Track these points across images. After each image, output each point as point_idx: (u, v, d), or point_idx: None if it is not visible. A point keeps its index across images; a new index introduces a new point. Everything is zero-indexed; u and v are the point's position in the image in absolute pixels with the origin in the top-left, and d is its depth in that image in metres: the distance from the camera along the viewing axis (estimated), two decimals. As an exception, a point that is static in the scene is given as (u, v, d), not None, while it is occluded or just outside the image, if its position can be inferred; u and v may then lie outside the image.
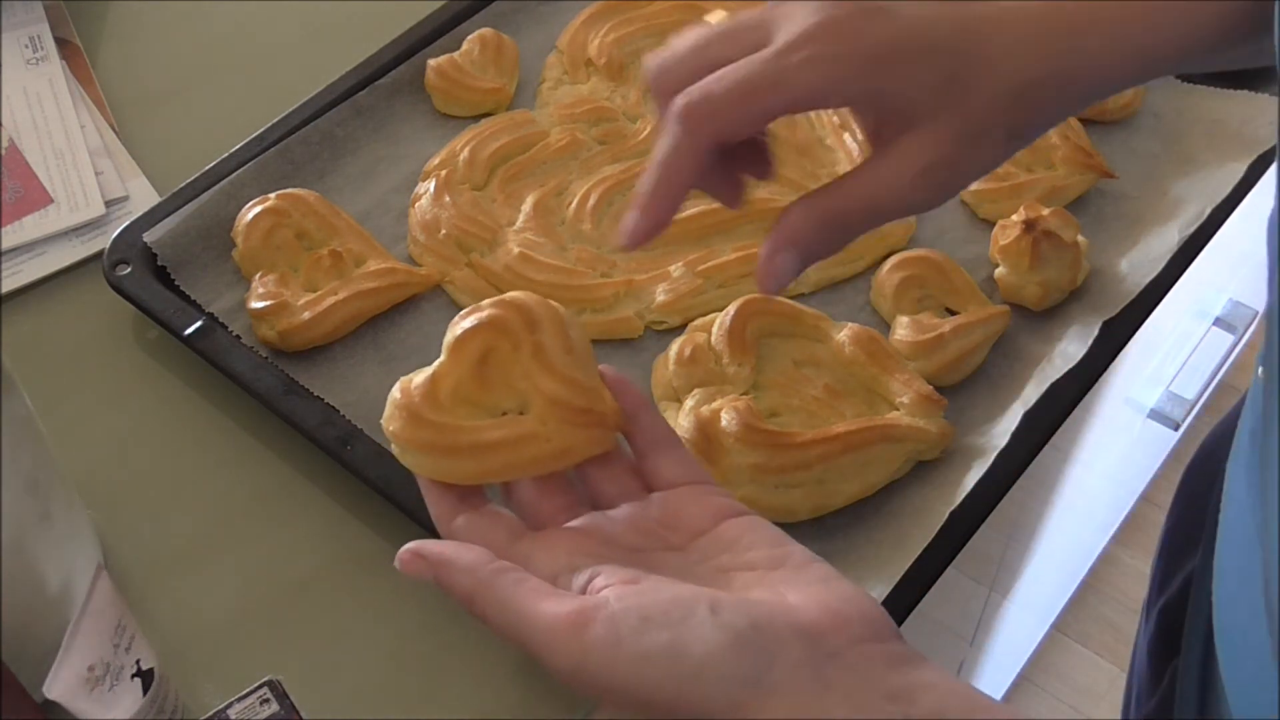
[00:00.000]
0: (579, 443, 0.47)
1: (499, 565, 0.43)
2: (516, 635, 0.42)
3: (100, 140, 0.81)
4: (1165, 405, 1.43)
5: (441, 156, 0.77)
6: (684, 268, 0.71)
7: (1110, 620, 1.71)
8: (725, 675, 0.39)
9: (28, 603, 0.52)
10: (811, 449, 0.61)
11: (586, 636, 0.40)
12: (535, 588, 0.42)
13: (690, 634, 0.39)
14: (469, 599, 0.43)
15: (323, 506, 0.65)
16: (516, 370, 0.48)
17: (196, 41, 0.89)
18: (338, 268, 0.70)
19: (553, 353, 0.48)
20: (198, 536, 0.64)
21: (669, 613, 0.40)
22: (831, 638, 0.40)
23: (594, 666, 0.40)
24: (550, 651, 0.40)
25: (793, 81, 0.46)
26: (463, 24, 0.84)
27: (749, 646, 0.39)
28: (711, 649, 0.39)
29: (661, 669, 0.39)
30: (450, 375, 0.48)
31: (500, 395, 0.48)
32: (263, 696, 0.51)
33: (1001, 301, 0.70)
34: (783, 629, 0.40)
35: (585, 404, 0.47)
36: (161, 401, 0.69)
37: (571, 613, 0.40)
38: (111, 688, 0.50)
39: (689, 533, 0.45)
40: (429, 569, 0.44)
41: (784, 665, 0.39)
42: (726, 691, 0.39)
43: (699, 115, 0.47)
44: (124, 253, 0.72)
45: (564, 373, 0.48)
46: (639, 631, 0.39)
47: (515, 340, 0.48)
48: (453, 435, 0.47)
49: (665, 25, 0.84)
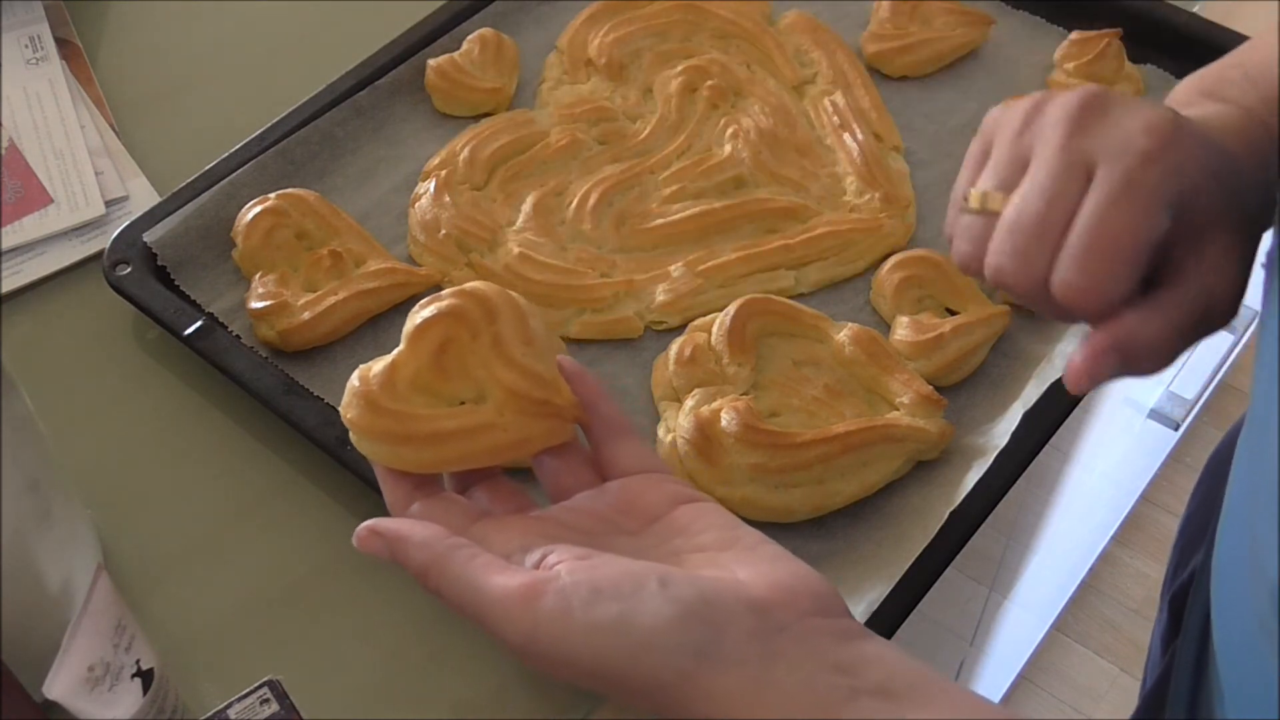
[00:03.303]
0: (536, 433, 0.48)
1: (454, 541, 0.44)
2: (470, 608, 0.42)
3: (100, 140, 0.81)
4: (1165, 405, 1.44)
5: (441, 156, 0.77)
6: (684, 268, 0.71)
7: (1110, 620, 1.71)
8: (674, 646, 0.40)
9: (28, 603, 0.52)
10: (811, 449, 0.61)
11: (538, 608, 0.40)
12: (488, 562, 0.43)
13: (640, 606, 0.40)
14: (424, 573, 0.44)
15: (323, 506, 0.65)
16: (475, 360, 0.48)
17: (196, 41, 0.89)
18: (338, 268, 0.70)
19: (511, 344, 0.48)
20: (198, 536, 0.64)
21: (619, 585, 0.41)
22: (780, 612, 0.41)
23: (545, 638, 0.40)
24: (502, 623, 0.41)
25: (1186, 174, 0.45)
26: (463, 24, 0.84)
27: (698, 618, 0.40)
28: (661, 620, 0.40)
29: (611, 640, 0.40)
30: (409, 364, 0.48)
31: (458, 385, 0.48)
32: (263, 696, 0.51)
33: (1001, 301, 0.70)
34: (731, 602, 0.41)
35: (543, 395, 0.48)
36: (161, 401, 0.69)
37: (523, 585, 0.41)
38: (111, 688, 0.50)
39: (643, 518, 0.46)
40: (384, 545, 0.45)
41: (732, 637, 0.40)
42: (675, 662, 0.39)
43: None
44: (124, 253, 0.72)
45: (522, 364, 0.48)
46: (589, 603, 0.40)
47: (474, 330, 0.48)
48: (410, 423, 0.47)
49: (665, 25, 0.84)
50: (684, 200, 0.75)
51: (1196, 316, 0.47)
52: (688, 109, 0.80)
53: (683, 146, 0.78)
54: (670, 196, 0.75)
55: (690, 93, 0.80)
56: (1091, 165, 0.46)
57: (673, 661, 0.39)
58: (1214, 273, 0.47)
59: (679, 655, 0.39)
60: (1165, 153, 0.45)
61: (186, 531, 0.64)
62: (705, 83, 0.80)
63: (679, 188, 0.75)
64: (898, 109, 0.81)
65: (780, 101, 0.80)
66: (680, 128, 0.79)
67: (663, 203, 0.75)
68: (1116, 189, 0.45)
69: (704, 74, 0.81)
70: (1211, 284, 0.47)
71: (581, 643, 0.40)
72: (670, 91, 0.80)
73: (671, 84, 0.80)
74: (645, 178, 0.76)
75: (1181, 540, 0.76)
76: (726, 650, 0.40)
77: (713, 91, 0.80)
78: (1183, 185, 0.45)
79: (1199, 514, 0.74)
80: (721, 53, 0.83)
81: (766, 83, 0.82)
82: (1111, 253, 0.45)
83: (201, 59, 0.87)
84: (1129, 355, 0.47)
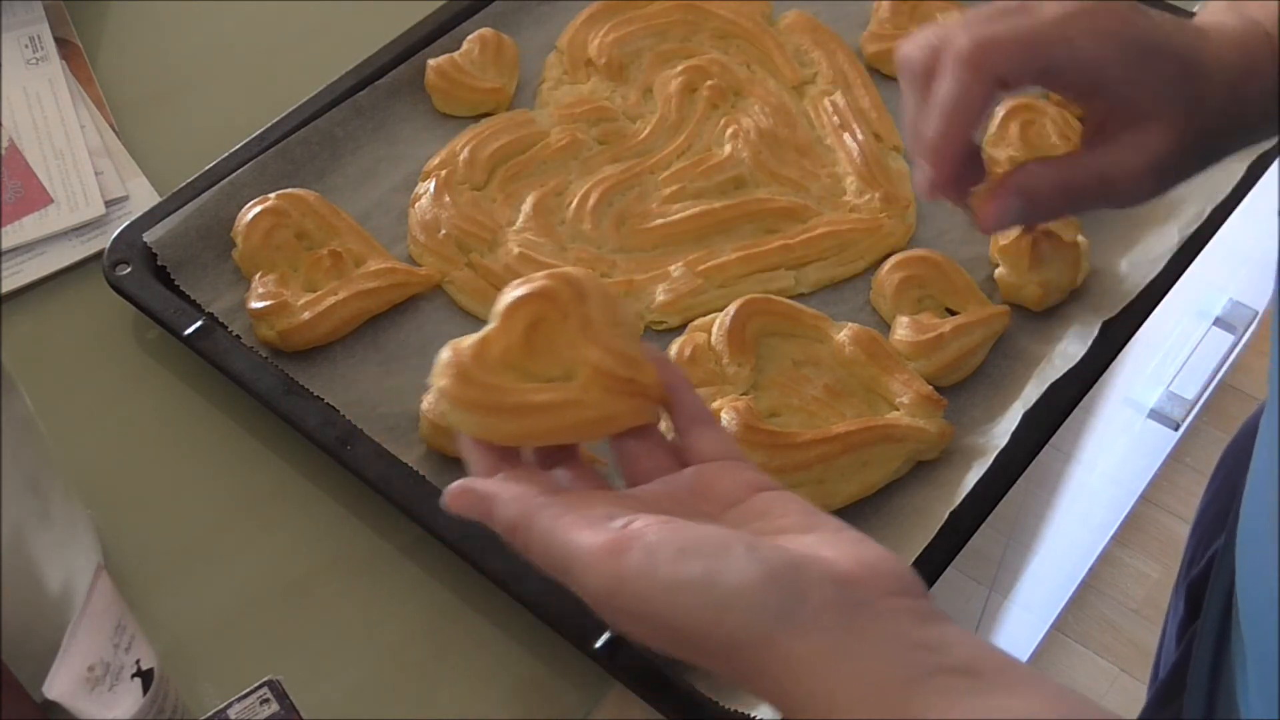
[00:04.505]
0: (620, 412, 0.48)
1: (544, 499, 0.45)
2: (556, 561, 0.43)
3: (100, 140, 0.81)
4: (1165, 405, 1.43)
5: (441, 156, 0.77)
6: (684, 268, 0.71)
7: (1110, 620, 1.71)
8: (757, 607, 0.39)
9: (28, 603, 0.52)
10: (811, 449, 0.61)
11: (623, 562, 0.41)
12: (576, 520, 0.43)
13: (725, 565, 0.40)
14: (512, 528, 0.45)
15: (323, 506, 0.65)
16: (563, 340, 0.49)
17: (196, 41, 0.89)
18: (338, 268, 0.70)
19: (599, 324, 0.49)
20: (198, 536, 0.64)
21: (705, 546, 0.41)
22: (863, 588, 0.41)
23: (628, 591, 0.41)
24: (587, 576, 0.42)
25: (1076, 44, 0.49)
26: (463, 24, 0.84)
27: (782, 582, 0.40)
28: (745, 581, 0.40)
29: (694, 597, 0.40)
30: (499, 340, 0.49)
31: (546, 363, 0.49)
32: (263, 696, 0.51)
33: (1001, 301, 0.70)
34: (816, 573, 0.40)
35: (629, 374, 0.48)
36: (161, 401, 0.69)
37: (610, 540, 0.42)
38: (111, 688, 0.50)
39: (721, 503, 0.46)
40: (477, 501, 0.46)
41: (815, 605, 0.40)
42: (757, 623, 0.39)
43: (985, 54, 0.49)
44: (124, 253, 0.72)
45: (610, 343, 0.49)
46: (675, 560, 0.40)
47: (564, 311, 0.49)
48: (499, 395, 0.48)
49: (665, 25, 0.84)
50: (684, 200, 0.75)
51: (1091, 188, 0.52)
52: (688, 109, 0.80)
53: (683, 146, 0.78)
54: (670, 196, 0.75)
55: (690, 93, 0.80)
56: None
57: (754, 622, 0.39)
58: (1112, 154, 0.51)
59: (761, 616, 0.39)
60: (988, 40, 0.49)
61: (186, 531, 0.64)
62: (705, 83, 0.80)
63: (679, 188, 0.75)
64: (898, 109, 0.80)
65: (780, 101, 0.80)
66: (680, 128, 0.79)
67: (663, 203, 0.75)
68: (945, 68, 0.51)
69: (704, 74, 0.81)
70: (1106, 165, 0.51)
71: (664, 598, 0.40)
72: (670, 91, 0.80)
73: (671, 84, 0.80)
74: (645, 178, 0.76)
75: (1198, 530, 0.77)
76: (808, 616, 0.39)
77: (713, 91, 0.80)
78: (1045, 63, 0.50)
79: (1217, 502, 0.75)
80: (721, 53, 0.83)
81: (766, 83, 0.82)
82: (939, 117, 0.51)
83: (201, 59, 0.87)
84: (1027, 200, 0.52)
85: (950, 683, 0.38)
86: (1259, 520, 0.54)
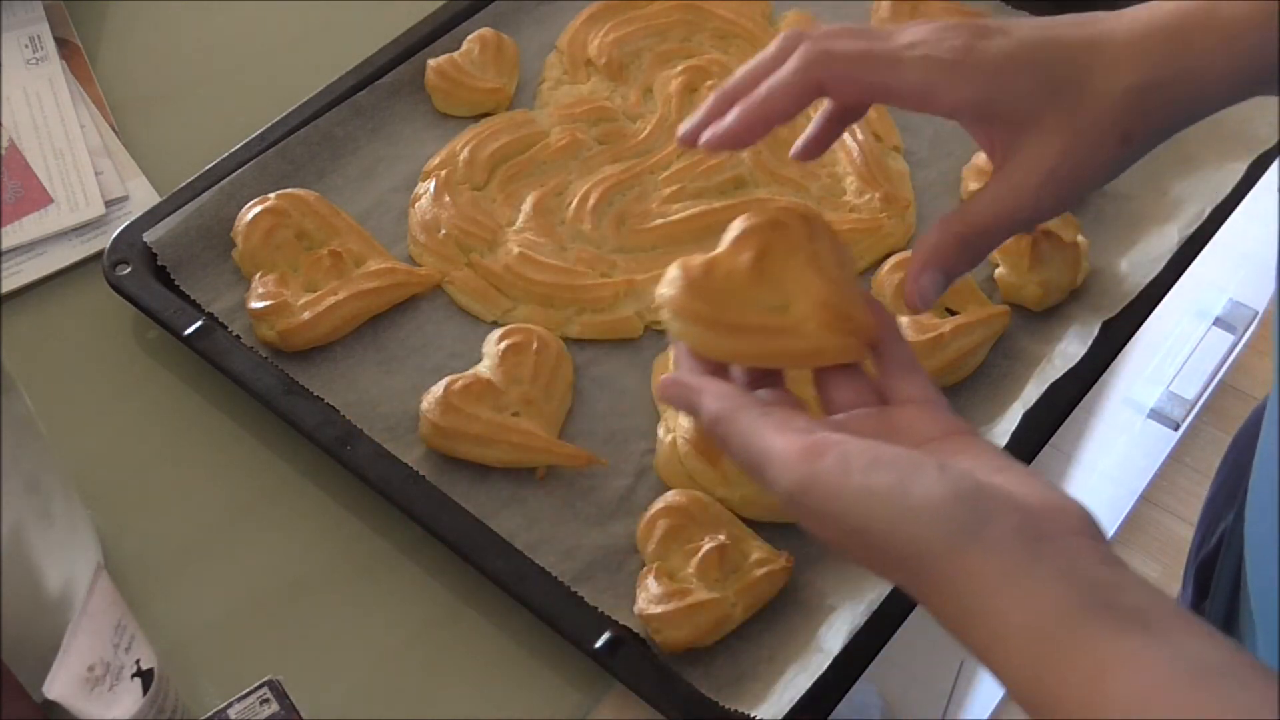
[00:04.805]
0: (831, 347, 0.50)
1: (749, 400, 0.47)
2: (752, 457, 0.45)
3: (100, 140, 0.81)
4: (1165, 405, 1.43)
5: (441, 156, 0.77)
6: (684, 268, 0.71)
7: (1110, 620, 1.71)
8: (943, 519, 0.41)
9: (28, 603, 0.52)
10: (811, 449, 0.61)
11: (818, 464, 0.43)
12: (777, 423, 0.45)
13: (916, 479, 0.42)
14: (715, 421, 0.47)
15: (323, 506, 0.65)
16: (788, 272, 0.51)
17: (196, 41, 0.89)
18: (338, 268, 0.70)
19: (825, 262, 0.51)
20: (198, 536, 0.64)
21: (899, 460, 0.42)
22: (1048, 522, 0.42)
23: (819, 491, 0.43)
24: (780, 472, 0.44)
25: (907, 70, 0.50)
26: (463, 24, 0.84)
27: (969, 501, 0.41)
28: (934, 495, 0.41)
29: (883, 505, 0.42)
30: (727, 262, 0.51)
31: (768, 291, 0.51)
32: (263, 696, 0.51)
33: (1001, 301, 0.70)
34: (1004, 499, 0.42)
35: (848, 311, 0.50)
36: (161, 401, 0.69)
37: (808, 442, 0.43)
38: (111, 688, 0.50)
39: (915, 440, 0.47)
40: (686, 391, 0.49)
41: (999, 526, 0.41)
42: (941, 535, 0.41)
43: (820, 60, 0.51)
44: (124, 253, 0.72)
45: (834, 279, 0.51)
46: (868, 469, 0.42)
47: (793, 245, 0.51)
48: (720, 311, 0.50)
49: (665, 25, 0.84)
50: (684, 200, 0.75)
51: (991, 225, 0.52)
52: (688, 109, 0.80)
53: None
54: (670, 196, 0.75)
55: (690, 93, 0.80)
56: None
57: (939, 535, 0.41)
58: (1003, 180, 0.51)
59: (946, 530, 0.41)
60: (824, 51, 0.51)
61: (186, 531, 0.64)
62: (705, 83, 0.80)
63: (679, 188, 0.75)
64: (897, 110, 0.80)
65: (780, 101, 0.80)
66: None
67: (662, 203, 0.75)
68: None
69: (704, 74, 0.81)
70: (1000, 193, 0.51)
71: (853, 502, 0.42)
72: (670, 91, 0.80)
73: (671, 84, 0.80)
74: (645, 178, 0.76)
75: (1208, 512, 0.78)
76: (992, 536, 0.40)
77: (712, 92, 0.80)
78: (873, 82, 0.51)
79: (1228, 484, 0.76)
80: (721, 53, 0.83)
81: (766, 83, 0.82)
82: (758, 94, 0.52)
83: (201, 59, 0.87)
84: (939, 268, 0.52)
85: (1121, 619, 0.39)
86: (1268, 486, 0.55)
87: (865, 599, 0.58)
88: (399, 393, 0.67)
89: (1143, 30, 0.51)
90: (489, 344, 0.67)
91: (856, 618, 0.57)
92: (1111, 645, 0.38)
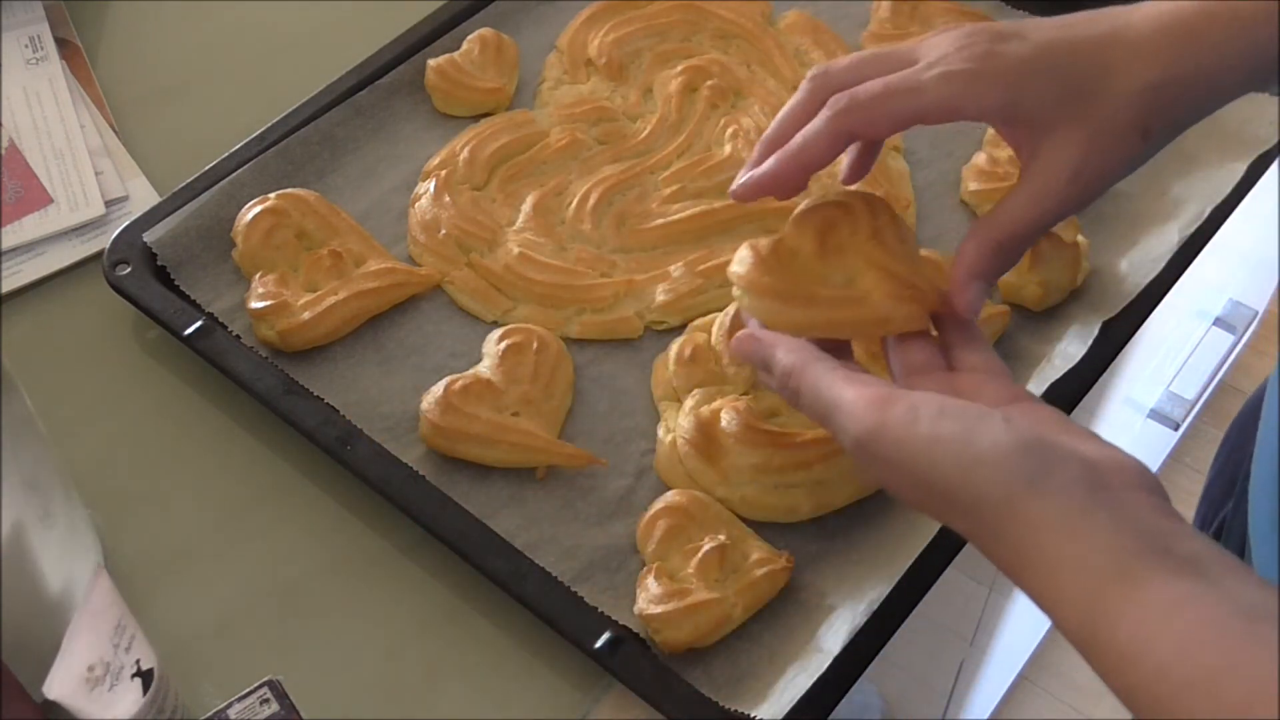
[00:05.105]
0: (898, 316, 0.52)
1: (820, 353, 0.50)
2: (822, 405, 0.48)
3: (100, 140, 0.81)
4: (1165, 405, 1.43)
5: (441, 156, 0.77)
6: (684, 268, 0.71)
7: (1110, 620, 1.71)
8: (1007, 467, 0.43)
9: (28, 603, 0.52)
10: (811, 449, 0.61)
11: (887, 412, 0.45)
12: (848, 375, 0.48)
13: (983, 429, 0.44)
14: (787, 373, 0.50)
15: (323, 506, 0.65)
16: (853, 247, 0.53)
17: (196, 41, 0.89)
18: (338, 268, 0.70)
19: (889, 236, 0.54)
20: (198, 536, 0.64)
21: (965, 411, 0.45)
22: (1109, 474, 0.43)
23: (887, 438, 0.45)
24: (849, 419, 0.46)
25: (927, 89, 0.51)
26: (463, 24, 0.84)
27: (1034, 451, 0.43)
28: (1000, 445, 0.43)
29: (949, 453, 0.44)
30: (794, 239, 0.54)
31: (834, 266, 0.53)
32: (263, 696, 0.51)
33: (1001, 301, 0.70)
34: (1066, 450, 0.44)
35: (912, 279, 0.52)
36: (161, 401, 0.69)
37: (877, 392, 0.46)
38: (111, 688, 0.50)
39: (981, 404, 0.48)
40: (759, 346, 0.52)
41: (1062, 476, 0.42)
42: (1005, 482, 0.42)
43: (846, 109, 0.53)
44: (124, 253, 0.72)
45: (897, 250, 0.54)
46: (936, 419, 0.44)
47: (856, 224, 0.54)
48: (789, 283, 0.53)
49: (665, 25, 0.84)
50: (684, 200, 0.75)
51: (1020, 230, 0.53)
52: (688, 109, 0.80)
53: (683, 146, 0.78)
54: (670, 196, 0.75)
55: (690, 93, 0.80)
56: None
57: (1003, 481, 0.42)
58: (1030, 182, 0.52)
59: (1010, 476, 0.42)
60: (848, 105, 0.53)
61: (186, 531, 0.64)
62: (705, 83, 0.80)
63: (679, 188, 0.75)
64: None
65: (780, 101, 0.80)
66: (680, 128, 0.79)
67: (663, 203, 0.75)
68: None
69: (704, 74, 0.81)
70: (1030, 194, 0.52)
71: (921, 450, 0.44)
72: (670, 91, 0.80)
73: (671, 84, 0.80)
74: (645, 178, 0.76)
75: (1207, 500, 0.79)
76: (1054, 484, 0.42)
77: (713, 91, 0.80)
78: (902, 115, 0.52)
79: (1225, 470, 0.76)
80: (721, 53, 0.83)
81: (766, 83, 0.82)
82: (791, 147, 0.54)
83: (201, 59, 0.87)
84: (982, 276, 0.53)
85: (1177, 563, 0.40)
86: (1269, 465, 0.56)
87: (865, 599, 0.58)
88: (399, 393, 0.67)
89: (1160, 26, 0.52)
90: (489, 344, 0.67)
91: (856, 618, 0.57)
92: (1166, 587, 0.39)
